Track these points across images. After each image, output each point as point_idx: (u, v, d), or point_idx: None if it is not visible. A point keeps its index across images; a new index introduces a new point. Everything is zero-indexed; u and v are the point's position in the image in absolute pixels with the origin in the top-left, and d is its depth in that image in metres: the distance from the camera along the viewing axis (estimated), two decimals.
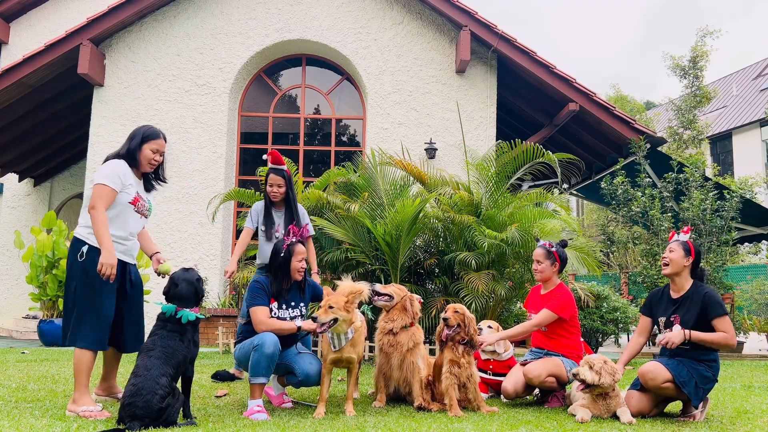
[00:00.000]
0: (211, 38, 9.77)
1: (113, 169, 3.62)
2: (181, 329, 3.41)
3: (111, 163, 3.66)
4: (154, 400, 3.09)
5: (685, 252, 3.81)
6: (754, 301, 11.86)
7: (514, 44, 9.18)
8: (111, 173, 3.60)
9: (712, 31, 19.24)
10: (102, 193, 3.54)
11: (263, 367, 3.58)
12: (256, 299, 3.82)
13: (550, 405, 4.13)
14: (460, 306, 3.96)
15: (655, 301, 3.99)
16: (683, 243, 3.85)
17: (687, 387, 3.59)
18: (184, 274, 3.53)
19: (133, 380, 3.16)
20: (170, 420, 3.15)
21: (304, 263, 3.98)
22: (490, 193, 7.05)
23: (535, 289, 4.54)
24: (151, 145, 3.76)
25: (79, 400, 3.48)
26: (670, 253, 3.83)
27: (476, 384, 3.91)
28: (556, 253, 4.33)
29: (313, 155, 10.36)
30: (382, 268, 6.75)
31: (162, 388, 3.15)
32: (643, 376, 3.68)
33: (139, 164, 3.76)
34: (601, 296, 7.79)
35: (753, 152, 23.72)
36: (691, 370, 3.64)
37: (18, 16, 11.51)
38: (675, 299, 3.85)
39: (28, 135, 10.68)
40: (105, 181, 3.56)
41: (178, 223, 9.36)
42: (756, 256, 18.43)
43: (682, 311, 3.77)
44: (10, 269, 11.58)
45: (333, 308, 3.64)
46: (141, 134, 3.77)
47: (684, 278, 3.84)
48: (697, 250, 3.87)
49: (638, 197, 8.93)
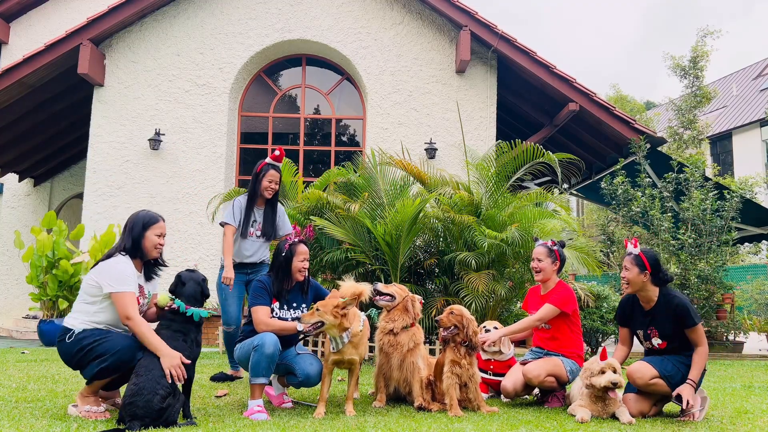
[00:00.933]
0: (211, 38, 9.77)
1: (123, 272, 3.47)
2: (186, 329, 3.41)
3: (117, 265, 3.49)
4: (154, 400, 3.09)
5: (639, 268, 3.76)
6: (754, 301, 11.87)
7: (514, 44, 9.18)
8: (123, 276, 3.45)
9: (712, 31, 19.28)
10: (128, 301, 3.41)
11: (263, 368, 3.58)
12: (258, 299, 3.82)
13: (550, 405, 4.13)
14: (457, 307, 3.96)
15: (627, 312, 3.98)
16: (635, 257, 3.78)
17: (674, 380, 3.63)
18: (191, 274, 3.56)
19: (135, 380, 3.16)
20: (170, 420, 3.15)
21: (306, 263, 3.97)
22: (490, 193, 7.05)
23: (534, 290, 4.51)
24: (155, 230, 3.62)
25: (85, 399, 3.48)
26: (626, 272, 3.79)
27: (477, 384, 3.91)
28: (557, 252, 4.32)
29: (313, 155, 10.36)
30: (382, 268, 6.75)
31: (163, 388, 3.15)
32: (631, 375, 3.72)
33: (144, 253, 3.61)
34: (601, 296, 7.79)
35: (753, 152, 23.72)
36: (676, 364, 3.69)
37: (18, 16, 11.52)
38: (647, 311, 3.84)
39: (28, 135, 10.68)
40: (124, 288, 3.41)
41: (178, 223, 9.36)
42: (756, 256, 18.44)
43: (657, 324, 3.78)
44: (10, 269, 11.58)
45: (319, 311, 3.64)
46: (141, 222, 3.60)
47: (649, 291, 3.80)
48: (653, 259, 3.78)
49: (638, 197, 8.92)
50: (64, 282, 8.06)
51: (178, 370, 3.26)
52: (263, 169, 4.91)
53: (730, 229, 8.80)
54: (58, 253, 8.11)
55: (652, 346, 3.83)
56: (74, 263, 8.01)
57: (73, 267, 8.01)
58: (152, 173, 9.43)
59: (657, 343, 3.79)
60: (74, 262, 8.01)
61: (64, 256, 8.08)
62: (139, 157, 9.49)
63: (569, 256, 6.64)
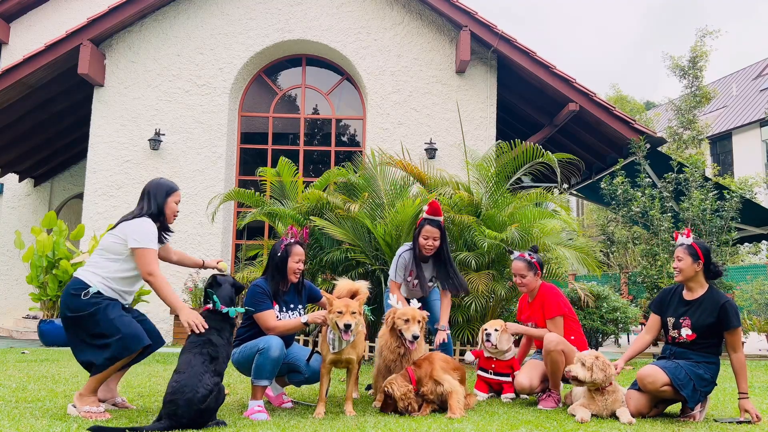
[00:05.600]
0: (211, 38, 9.77)
1: (150, 230, 3.67)
2: (221, 326, 3.45)
3: (144, 223, 3.67)
4: (195, 398, 3.08)
5: (692, 258, 3.74)
6: (754, 301, 11.86)
7: (514, 44, 9.18)
8: (150, 234, 3.65)
9: (711, 31, 19.29)
10: (152, 257, 3.62)
11: (267, 371, 3.58)
12: (261, 304, 3.80)
13: (543, 405, 4.08)
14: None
15: (666, 299, 3.94)
16: (689, 247, 3.77)
17: (685, 390, 3.58)
18: (226, 277, 3.68)
19: (176, 377, 3.15)
20: (206, 422, 3.15)
21: (302, 265, 3.97)
22: (490, 193, 7.06)
23: (523, 299, 4.57)
24: (175, 198, 3.87)
25: (83, 400, 3.48)
26: (679, 261, 3.77)
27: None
28: (536, 263, 4.35)
29: (313, 155, 10.36)
30: (382, 268, 6.75)
31: (204, 386, 3.13)
32: (642, 380, 3.68)
33: (165, 218, 3.83)
34: (601, 296, 7.79)
35: (753, 152, 23.72)
36: (689, 372, 3.63)
37: (18, 16, 11.51)
38: (688, 301, 3.81)
39: (29, 135, 10.68)
40: (150, 245, 3.62)
41: (178, 223, 9.35)
42: (756, 256, 18.44)
43: (693, 315, 3.74)
44: (10, 269, 11.58)
45: (354, 313, 3.67)
46: (164, 190, 3.82)
47: (698, 282, 3.79)
48: (705, 250, 3.78)
49: (638, 197, 8.92)
50: (64, 282, 8.06)
51: (197, 320, 3.43)
52: (419, 225, 4.57)
53: (730, 229, 8.80)
54: (58, 253, 8.11)
55: (678, 336, 3.77)
56: (74, 263, 8.01)
57: (73, 267, 8.01)
58: (152, 173, 9.43)
59: (686, 333, 3.73)
60: (74, 262, 8.01)
61: (64, 256, 8.08)
62: (139, 157, 9.49)
63: (569, 255, 6.65)
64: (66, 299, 3.53)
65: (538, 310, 4.33)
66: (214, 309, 3.50)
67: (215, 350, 3.32)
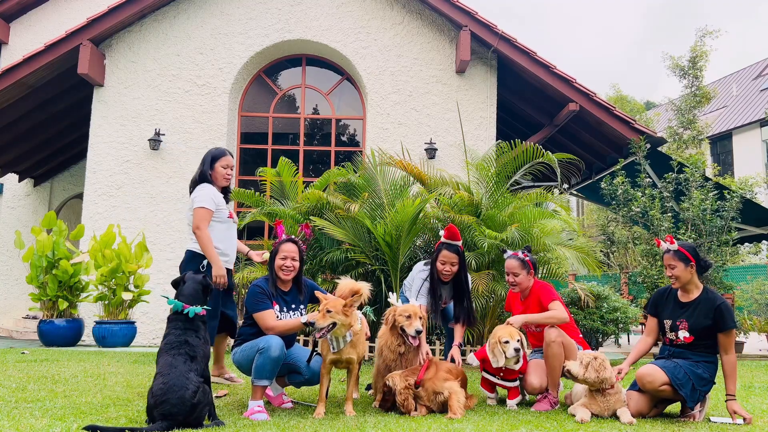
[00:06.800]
0: (211, 38, 9.77)
1: (206, 192, 4.29)
2: (196, 327, 3.45)
3: (202, 187, 4.34)
4: (186, 395, 3.09)
5: (684, 262, 3.75)
6: (754, 301, 11.84)
7: (514, 44, 9.18)
8: (205, 196, 4.28)
9: (711, 31, 19.27)
10: (203, 216, 4.26)
11: (268, 371, 3.58)
12: (260, 304, 3.80)
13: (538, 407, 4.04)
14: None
15: (660, 301, 3.94)
16: (677, 253, 3.77)
17: (684, 389, 3.59)
18: (195, 276, 3.65)
19: (161, 380, 3.15)
20: (200, 418, 3.15)
21: (288, 262, 3.96)
22: (490, 193, 7.05)
23: (514, 295, 4.50)
24: (222, 162, 4.44)
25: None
26: (672, 270, 3.77)
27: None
28: (530, 262, 4.33)
29: (313, 155, 10.36)
30: (382, 269, 6.75)
31: (192, 383, 3.15)
32: (641, 379, 3.69)
33: (214, 182, 4.43)
34: (601, 296, 7.79)
35: (753, 152, 23.71)
36: (688, 371, 3.64)
37: (18, 16, 11.51)
38: (684, 303, 3.81)
39: (28, 135, 10.67)
40: (203, 204, 4.25)
41: (178, 223, 9.36)
42: (756, 256, 18.44)
43: (690, 317, 3.74)
44: (10, 269, 11.57)
45: (331, 312, 3.62)
46: (210, 156, 4.45)
47: (693, 284, 3.80)
48: (692, 250, 3.79)
49: (638, 197, 8.92)
50: (64, 282, 8.06)
51: (221, 280, 4.33)
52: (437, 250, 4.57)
53: (730, 229, 8.80)
54: (58, 253, 8.10)
55: (676, 338, 3.78)
56: (74, 263, 8.01)
57: (73, 267, 8.01)
58: (152, 173, 9.43)
59: (683, 336, 3.74)
60: (74, 262, 8.01)
61: (64, 256, 8.07)
62: (139, 157, 9.48)
63: (569, 256, 6.65)
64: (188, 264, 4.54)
65: (534, 305, 4.30)
66: (180, 311, 3.45)
67: (193, 350, 3.32)
